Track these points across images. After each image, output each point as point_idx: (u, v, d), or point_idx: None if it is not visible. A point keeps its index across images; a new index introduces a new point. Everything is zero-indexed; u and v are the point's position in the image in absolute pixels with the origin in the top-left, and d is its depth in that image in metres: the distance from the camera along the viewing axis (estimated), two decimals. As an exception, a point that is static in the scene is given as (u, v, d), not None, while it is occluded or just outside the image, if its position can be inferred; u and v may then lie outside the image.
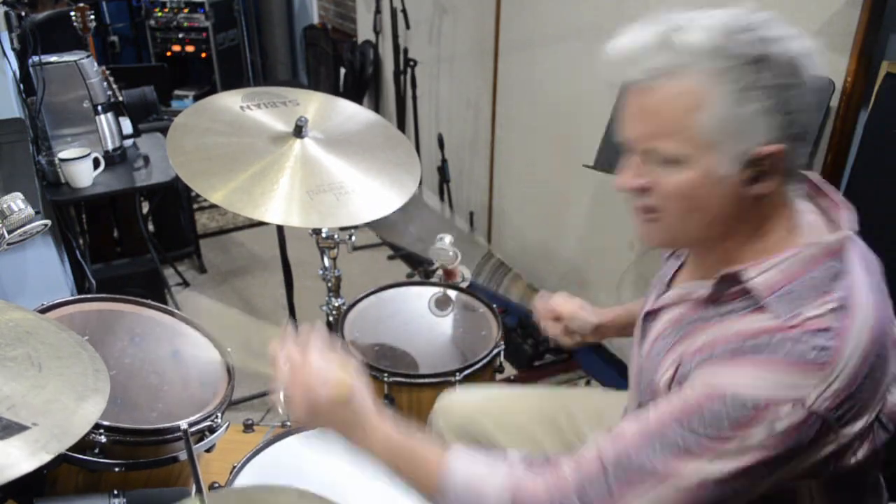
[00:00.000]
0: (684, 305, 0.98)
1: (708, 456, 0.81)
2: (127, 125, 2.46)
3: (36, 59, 2.19)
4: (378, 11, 3.70)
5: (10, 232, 1.20)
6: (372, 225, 2.64)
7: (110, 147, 2.38)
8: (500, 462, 0.94)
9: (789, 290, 0.84)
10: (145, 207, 3.17)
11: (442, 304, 1.87)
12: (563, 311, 1.43)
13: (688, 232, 0.91)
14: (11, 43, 2.30)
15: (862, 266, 0.88)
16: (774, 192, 0.87)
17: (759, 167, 0.83)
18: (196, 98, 4.51)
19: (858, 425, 0.82)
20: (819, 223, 0.92)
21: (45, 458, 0.75)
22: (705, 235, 0.91)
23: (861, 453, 0.85)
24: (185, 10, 4.61)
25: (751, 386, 0.79)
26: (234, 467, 1.27)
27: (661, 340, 0.99)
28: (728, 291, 0.90)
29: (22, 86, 2.24)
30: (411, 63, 3.37)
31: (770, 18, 0.84)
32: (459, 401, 1.43)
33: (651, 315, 1.05)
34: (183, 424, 1.17)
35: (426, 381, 1.60)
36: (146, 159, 2.50)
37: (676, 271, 1.08)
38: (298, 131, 1.67)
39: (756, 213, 0.88)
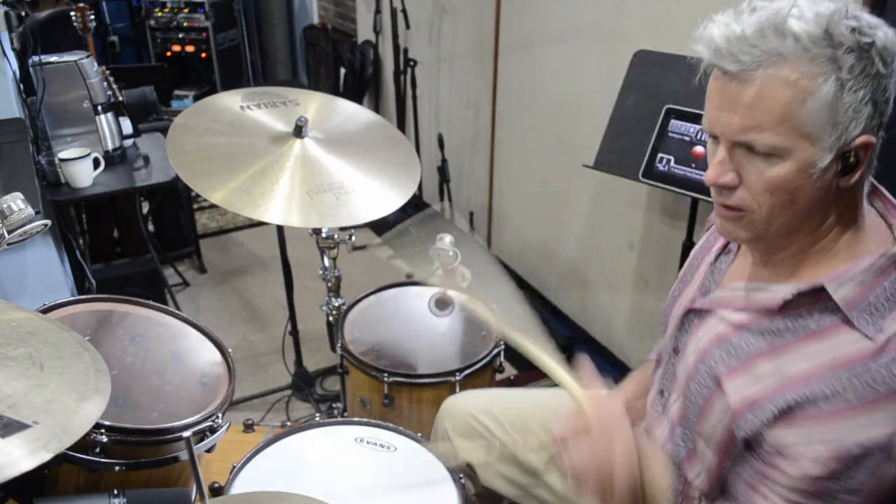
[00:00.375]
0: (745, 314, 0.93)
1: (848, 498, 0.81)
2: (127, 125, 2.46)
3: (36, 59, 2.19)
4: (378, 11, 3.70)
5: (10, 232, 1.20)
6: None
7: (110, 147, 2.38)
8: None
9: (868, 303, 0.83)
10: (145, 207, 3.17)
11: (442, 304, 1.87)
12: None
13: (775, 228, 0.88)
14: (11, 43, 2.30)
15: None
16: (861, 184, 0.86)
17: (851, 158, 0.82)
18: (196, 98, 4.51)
19: None
20: (880, 226, 0.91)
21: (46, 456, 0.75)
22: (790, 231, 0.88)
23: None
24: (185, 10, 4.61)
25: (868, 433, 0.79)
26: (234, 467, 1.27)
27: (716, 350, 0.95)
28: (803, 302, 0.88)
29: (22, 86, 2.24)
30: (411, 63, 3.37)
31: (860, 8, 0.81)
32: (464, 402, 1.44)
33: (697, 313, 1.01)
34: (186, 434, 1.17)
35: (426, 381, 1.60)
36: (146, 159, 2.50)
37: (728, 266, 1.03)
38: (298, 131, 1.68)
39: (844, 205, 0.87)
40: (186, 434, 1.18)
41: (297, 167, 1.62)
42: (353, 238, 1.93)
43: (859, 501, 0.82)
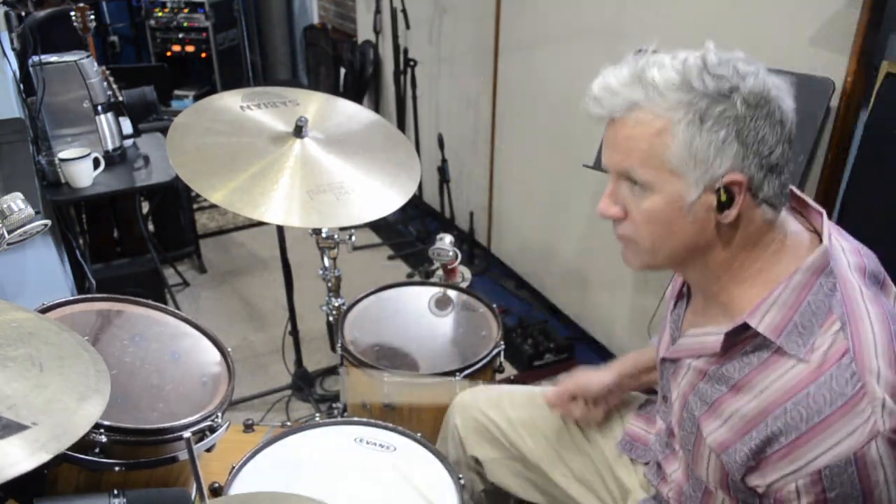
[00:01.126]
0: (702, 360, 0.98)
1: None
2: (127, 125, 2.46)
3: (36, 59, 2.19)
4: (378, 11, 3.70)
5: (10, 232, 1.20)
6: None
7: (110, 147, 2.38)
8: None
9: (794, 324, 0.87)
10: (145, 207, 3.17)
11: (442, 304, 1.87)
12: (575, 386, 1.36)
13: (663, 255, 0.95)
14: (11, 43, 2.30)
15: (851, 268, 0.90)
16: (750, 218, 0.90)
17: (726, 194, 0.87)
18: (196, 98, 4.51)
19: None
20: (802, 233, 0.95)
21: (45, 457, 0.75)
22: (682, 259, 0.94)
23: None
24: (185, 10, 4.60)
25: (831, 455, 0.82)
26: (234, 467, 1.27)
27: (691, 397, 0.99)
28: (740, 339, 0.92)
29: (22, 86, 2.24)
30: (411, 63, 3.37)
31: (743, 56, 0.88)
32: (475, 398, 1.46)
33: (669, 362, 1.07)
34: (186, 434, 1.17)
35: (426, 381, 1.60)
36: (146, 159, 2.50)
37: (684, 312, 1.09)
38: (298, 131, 1.68)
39: (738, 238, 0.91)
40: (186, 434, 1.18)
41: (297, 167, 1.62)
42: (353, 238, 1.93)
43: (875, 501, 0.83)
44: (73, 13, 2.45)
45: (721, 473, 0.95)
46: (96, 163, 2.26)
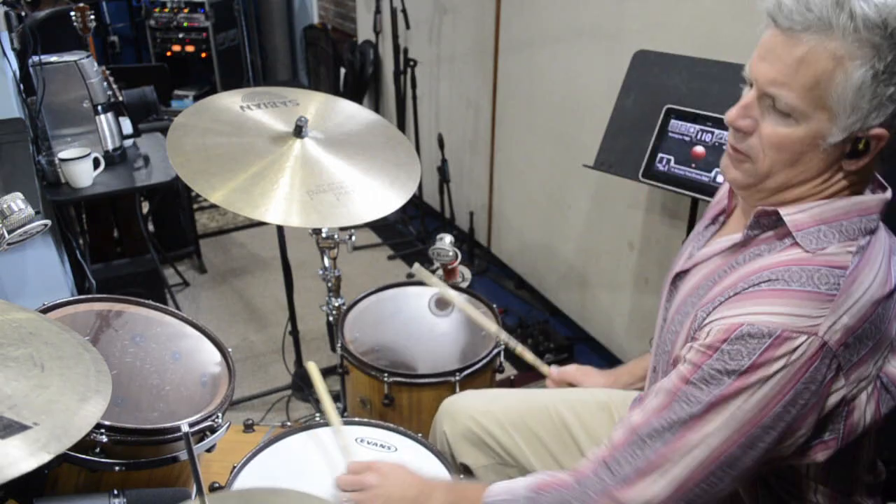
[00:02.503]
0: (718, 258, 1.00)
1: (735, 395, 0.85)
2: (127, 125, 2.46)
3: (36, 59, 2.19)
4: (378, 11, 3.70)
5: (10, 232, 1.20)
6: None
7: (110, 147, 2.38)
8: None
9: (819, 229, 0.90)
10: (145, 207, 3.17)
11: (442, 304, 1.87)
12: (575, 380, 1.47)
13: (772, 182, 0.93)
14: (12, 43, 2.30)
15: (887, 233, 0.94)
16: (866, 169, 0.91)
17: (861, 145, 0.86)
18: (196, 98, 4.51)
19: (865, 371, 0.88)
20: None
21: (45, 457, 0.75)
22: (785, 188, 0.93)
23: (868, 414, 0.91)
24: (185, 10, 4.61)
25: (766, 315, 0.84)
26: (234, 467, 1.27)
27: (692, 296, 1.01)
28: (762, 234, 0.94)
29: (22, 86, 2.24)
30: (411, 63, 3.37)
31: None
32: (463, 404, 1.43)
33: (681, 275, 1.08)
34: (184, 427, 1.17)
35: (426, 381, 1.60)
36: (146, 159, 2.50)
37: (713, 235, 1.10)
38: (298, 131, 1.68)
39: (843, 182, 0.92)
40: (185, 428, 1.18)
41: (297, 167, 1.62)
42: (353, 238, 1.93)
43: (744, 389, 0.85)
44: (73, 13, 2.45)
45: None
46: (96, 163, 2.26)
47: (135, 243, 2.92)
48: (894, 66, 0.81)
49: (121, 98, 2.48)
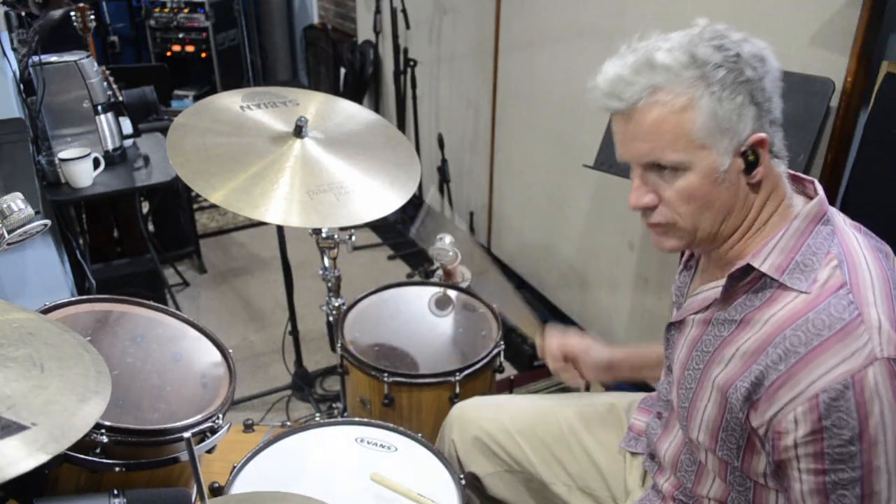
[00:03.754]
0: (705, 312, 1.02)
1: (872, 448, 0.83)
2: (127, 125, 2.46)
3: (36, 59, 2.19)
4: (378, 11, 3.70)
5: (10, 232, 1.20)
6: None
7: (110, 147, 2.38)
8: None
9: (796, 262, 0.91)
10: (145, 207, 3.17)
11: (442, 304, 1.87)
12: (576, 348, 1.40)
13: (704, 230, 0.96)
14: (12, 42, 2.30)
15: (846, 223, 0.96)
16: (769, 173, 0.94)
17: (751, 156, 0.91)
18: (196, 98, 4.51)
19: None
20: (800, 197, 1.00)
21: (43, 458, 0.75)
22: (717, 231, 0.96)
23: None
24: (185, 10, 4.61)
25: (827, 376, 0.83)
26: (235, 467, 1.27)
27: (693, 353, 1.02)
28: (742, 284, 0.95)
29: (22, 86, 2.24)
30: (411, 63, 3.37)
31: (727, 27, 0.91)
32: (471, 412, 1.43)
33: (675, 326, 1.10)
34: (186, 434, 1.17)
35: (426, 381, 1.60)
36: (146, 159, 2.50)
37: (691, 282, 1.12)
38: (298, 131, 1.67)
39: (755, 200, 0.95)
40: (187, 434, 1.18)
41: (297, 167, 1.62)
42: (353, 238, 1.93)
43: (873, 448, 0.83)
44: (73, 13, 2.45)
45: (713, 426, 0.97)
46: (96, 163, 2.26)
47: (135, 243, 2.92)
48: (725, 81, 0.87)
49: (121, 98, 2.48)
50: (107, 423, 1.12)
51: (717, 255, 1.01)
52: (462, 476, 1.28)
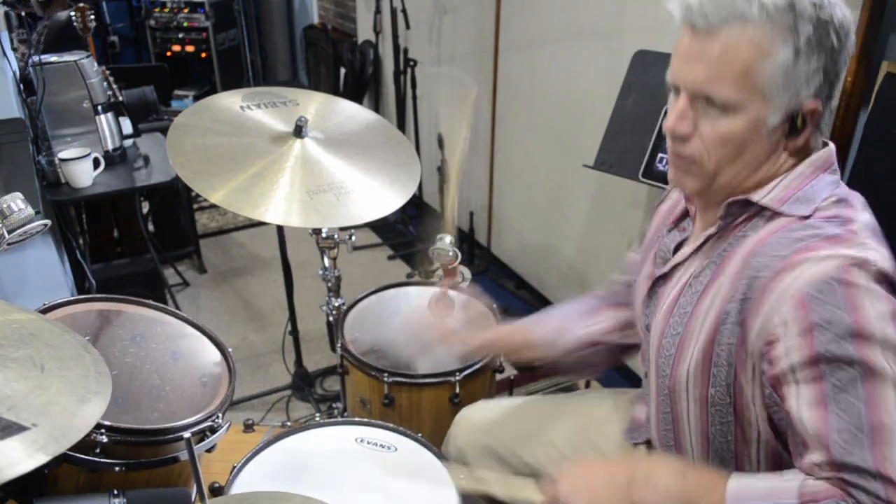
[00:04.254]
0: (697, 257, 1.01)
1: (870, 360, 0.80)
2: (127, 125, 2.46)
3: (36, 59, 2.19)
4: (378, 11, 3.70)
5: (10, 232, 1.20)
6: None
7: (110, 147, 2.38)
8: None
9: (797, 196, 0.91)
10: (145, 207, 3.17)
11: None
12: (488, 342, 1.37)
13: (723, 179, 0.94)
14: (12, 42, 2.30)
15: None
16: (807, 142, 0.93)
17: (799, 121, 0.89)
18: (196, 98, 4.51)
19: None
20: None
21: (43, 459, 0.75)
22: (736, 182, 0.94)
23: None
24: (185, 10, 4.61)
25: (815, 270, 0.82)
26: (235, 467, 1.27)
27: (684, 296, 1.00)
28: (738, 221, 0.95)
29: (22, 86, 2.24)
30: (411, 63, 3.37)
31: None
32: (477, 418, 1.43)
33: (662, 279, 1.07)
34: (186, 434, 1.17)
35: (426, 381, 1.60)
36: (146, 159, 2.50)
37: (681, 242, 1.09)
38: (298, 131, 1.67)
39: (783, 163, 0.93)
40: (186, 434, 1.18)
41: (297, 167, 1.62)
42: (353, 238, 1.92)
43: (869, 344, 0.80)
44: (73, 13, 2.45)
45: (704, 363, 0.95)
46: (96, 163, 2.26)
47: (135, 243, 2.92)
48: (811, 40, 0.84)
49: (121, 98, 2.48)
50: (106, 423, 1.12)
51: (719, 202, 0.98)
52: (462, 477, 1.28)
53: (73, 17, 2.46)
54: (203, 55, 4.69)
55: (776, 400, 0.89)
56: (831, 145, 0.95)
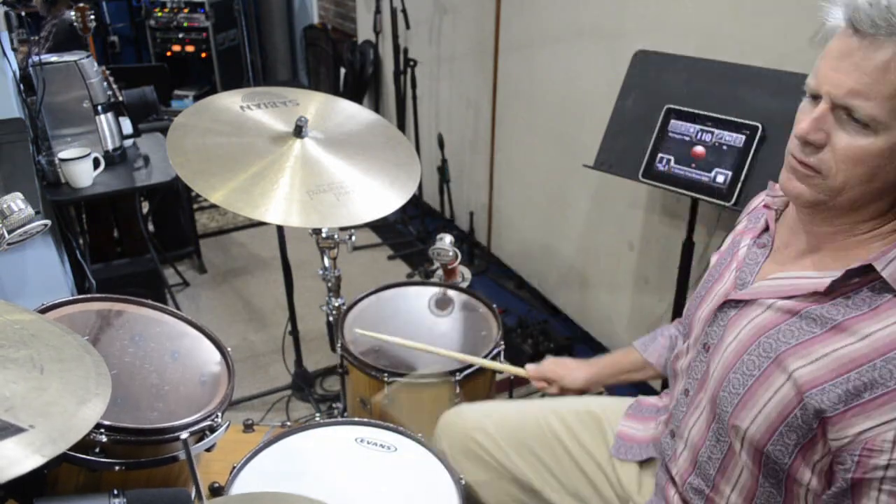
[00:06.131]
0: (792, 301, 0.92)
1: None
2: (127, 125, 2.46)
3: (36, 59, 2.19)
4: (378, 11, 3.70)
5: (10, 232, 1.20)
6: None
7: (110, 147, 2.38)
8: None
9: None
10: (145, 207, 3.18)
11: (442, 304, 1.87)
12: (553, 376, 1.47)
13: (843, 199, 0.87)
14: (12, 43, 2.30)
15: None
16: None
17: None
18: (196, 98, 4.52)
19: None
20: None
21: (39, 460, 0.74)
22: (859, 206, 0.88)
23: None
24: (185, 10, 4.61)
25: None
26: (234, 467, 1.27)
27: (763, 338, 0.94)
28: (850, 283, 0.87)
29: (22, 86, 2.24)
30: (411, 63, 3.37)
31: None
32: (459, 420, 1.42)
33: (734, 305, 1.00)
34: (184, 433, 1.17)
35: (426, 381, 1.60)
36: (146, 159, 2.50)
37: (765, 260, 1.02)
38: (298, 131, 1.67)
39: None
40: (185, 434, 1.18)
41: (297, 167, 1.62)
42: (353, 238, 1.93)
43: None
44: (73, 13, 2.45)
45: (774, 420, 0.90)
46: (96, 163, 2.26)
47: (135, 243, 2.92)
48: None
49: (121, 98, 2.48)
50: (106, 423, 1.12)
51: (820, 240, 0.92)
52: (462, 477, 1.28)
53: (74, 17, 2.46)
54: (203, 55, 4.70)
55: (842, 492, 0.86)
56: None
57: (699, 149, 1.71)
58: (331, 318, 2.04)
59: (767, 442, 0.92)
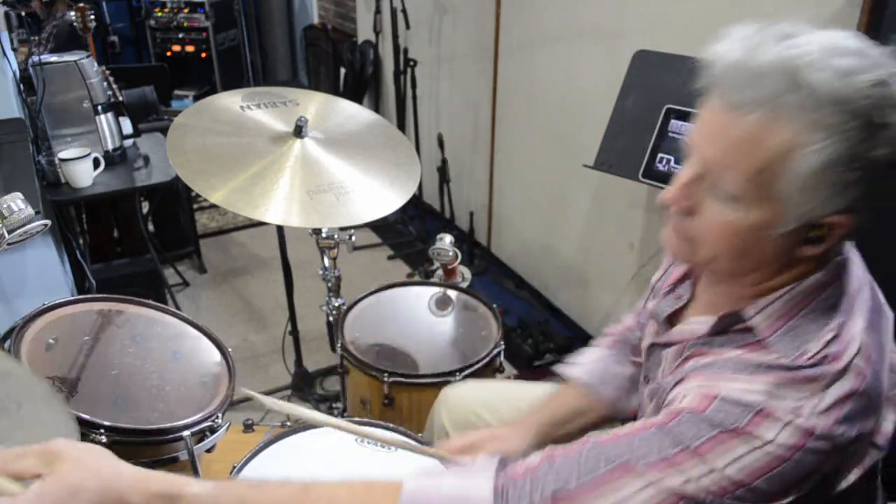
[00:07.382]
0: (685, 345, 0.94)
1: (689, 464, 0.75)
2: (127, 125, 2.46)
3: (36, 59, 2.19)
4: (378, 11, 3.70)
5: (10, 232, 1.20)
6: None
7: (110, 147, 2.38)
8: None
9: (792, 326, 0.79)
10: (145, 207, 3.17)
11: (442, 304, 1.87)
12: (478, 447, 1.21)
13: (717, 267, 0.85)
14: (12, 43, 2.30)
15: (858, 288, 0.84)
16: (819, 258, 0.80)
17: (817, 232, 0.76)
18: (196, 98, 4.52)
19: (854, 448, 0.76)
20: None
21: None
22: (734, 276, 0.85)
23: (852, 477, 0.81)
24: (185, 10, 4.61)
25: (745, 391, 0.76)
26: (235, 467, 1.27)
27: (668, 376, 0.95)
28: (730, 329, 0.86)
29: (22, 86, 2.24)
30: (411, 63, 3.37)
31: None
32: (462, 394, 1.42)
33: (658, 347, 1.02)
34: (185, 433, 1.17)
35: (426, 381, 1.60)
36: (146, 159, 2.50)
37: (682, 308, 1.02)
38: (298, 131, 1.68)
39: (785, 269, 0.81)
40: (186, 434, 1.18)
41: (297, 167, 1.62)
42: (353, 238, 1.93)
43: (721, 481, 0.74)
44: (73, 13, 2.45)
45: None
46: (96, 163, 2.26)
47: (135, 243, 2.92)
48: (855, 147, 0.68)
49: (121, 98, 2.48)
50: (106, 423, 1.12)
51: (720, 296, 0.89)
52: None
53: (73, 18, 2.46)
54: (203, 55, 4.70)
55: None
56: (839, 258, 0.82)
57: (699, 149, 1.71)
58: (331, 319, 2.04)
59: None
